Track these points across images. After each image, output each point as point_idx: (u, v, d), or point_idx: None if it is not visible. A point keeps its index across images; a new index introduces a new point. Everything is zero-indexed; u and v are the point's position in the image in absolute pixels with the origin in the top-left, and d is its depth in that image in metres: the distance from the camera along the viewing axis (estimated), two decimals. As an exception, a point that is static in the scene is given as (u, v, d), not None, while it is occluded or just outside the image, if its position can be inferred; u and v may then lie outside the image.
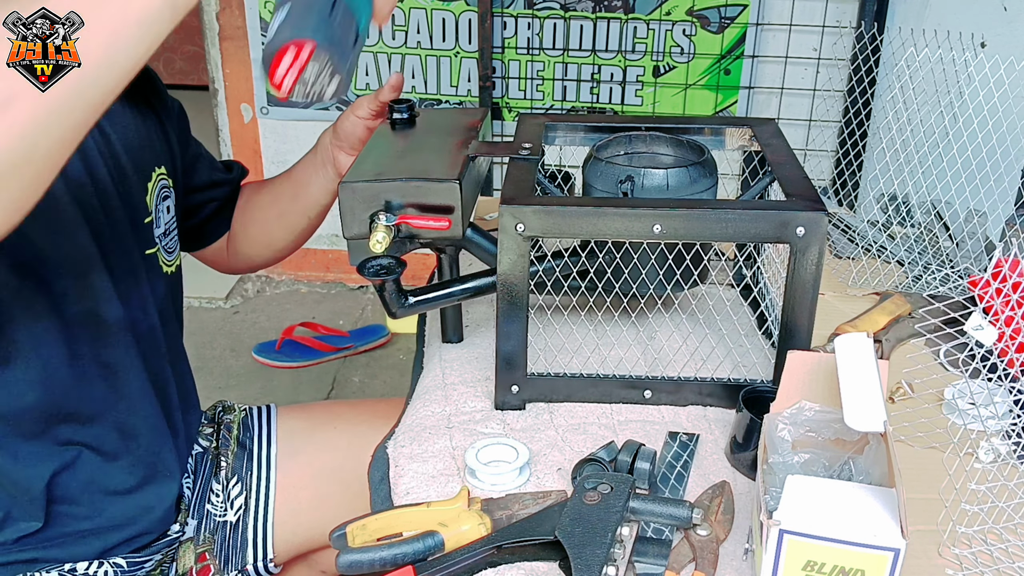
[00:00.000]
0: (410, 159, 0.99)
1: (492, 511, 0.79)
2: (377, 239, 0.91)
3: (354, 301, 2.92)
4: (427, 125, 1.09)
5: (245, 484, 1.15)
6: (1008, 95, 1.08)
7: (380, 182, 0.92)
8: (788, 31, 2.38)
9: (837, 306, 1.15)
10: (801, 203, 0.87)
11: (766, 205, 0.91)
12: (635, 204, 0.88)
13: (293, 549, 1.17)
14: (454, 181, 0.92)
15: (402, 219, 0.92)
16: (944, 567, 0.75)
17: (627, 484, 0.77)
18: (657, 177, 0.96)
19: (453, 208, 0.92)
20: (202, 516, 1.13)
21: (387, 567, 0.74)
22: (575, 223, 0.87)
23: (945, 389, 0.95)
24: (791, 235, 0.85)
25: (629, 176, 0.96)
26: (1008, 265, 0.95)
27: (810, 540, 0.64)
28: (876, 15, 2.22)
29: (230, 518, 1.14)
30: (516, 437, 0.90)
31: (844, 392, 0.71)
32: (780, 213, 0.85)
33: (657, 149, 1.07)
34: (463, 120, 1.11)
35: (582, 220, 0.87)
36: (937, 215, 1.28)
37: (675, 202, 0.89)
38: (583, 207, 0.87)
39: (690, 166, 0.97)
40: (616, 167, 0.98)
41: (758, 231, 0.86)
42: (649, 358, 1.02)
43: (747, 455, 0.85)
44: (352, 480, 1.08)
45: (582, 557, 0.70)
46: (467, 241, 1.00)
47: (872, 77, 1.62)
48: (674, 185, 0.96)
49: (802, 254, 0.86)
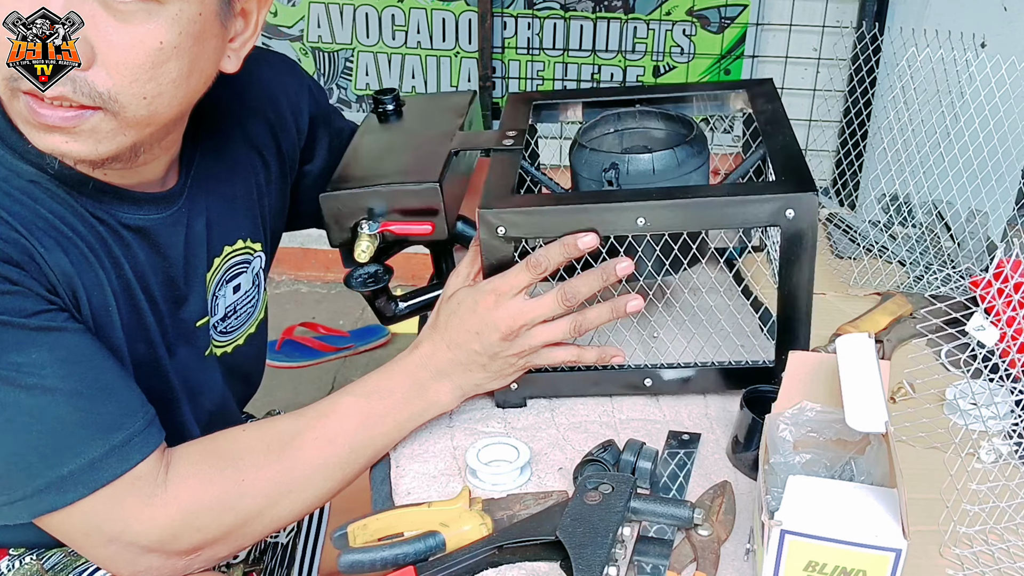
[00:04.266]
0: (392, 159, 0.97)
1: (493, 511, 0.79)
2: (361, 249, 0.90)
3: (354, 301, 2.92)
4: (414, 114, 1.07)
5: None
6: (1008, 95, 1.08)
7: (360, 190, 0.90)
8: (788, 31, 2.38)
9: (838, 306, 1.15)
10: (789, 184, 0.84)
11: (751, 189, 0.88)
12: (616, 198, 0.86)
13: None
14: (434, 183, 0.90)
15: (385, 227, 0.91)
16: (945, 567, 0.75)
17: (628, 484, 0.77)
18: (642, 163, 0.92)
19: (436, 210, 0.91)
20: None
21: (388, 567, 0.74)
22: (556, 222, 0.85)
23: (947, 389, 0.95)
24: (780, 219, 0.83)
25: (613, 164, 0.93)
26: (1010, 265, 0.95)
27: (811, 540, 0.64)
28: (876, 15, 2.22)
29: (282, 540, 1.13)
30: (517, 436, 0.90)
31: (845, 392, 0.71)
32: (766, 198, 0.83)
33: (648, 124, 1.04)
34: (450, 106, 1.09)
35: (563, 218, 0.85)
36: (938, 215, 1.28)
37: (658, 192, 0.87)
38: (562, 206, 0.86)
39: (676, 147, 0.93)
40: (599, 154, 0.95)
41: (746, 217, 0.84)
42: (646, 347, 1.01)
43: (748, 455, 0.85)
44: None
45: (583, 557, 0.70)
46: (458, 236, 0.99)
47: (872, 77, 1.62)
48: (661, 169, 0.93)
49: (794, 236, 0.84)
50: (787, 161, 0.88)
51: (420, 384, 0.88)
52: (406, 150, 0.99)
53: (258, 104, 1.02)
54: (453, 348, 0.87)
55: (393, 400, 0.87)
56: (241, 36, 0.83)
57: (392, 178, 0.91)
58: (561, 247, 0.84)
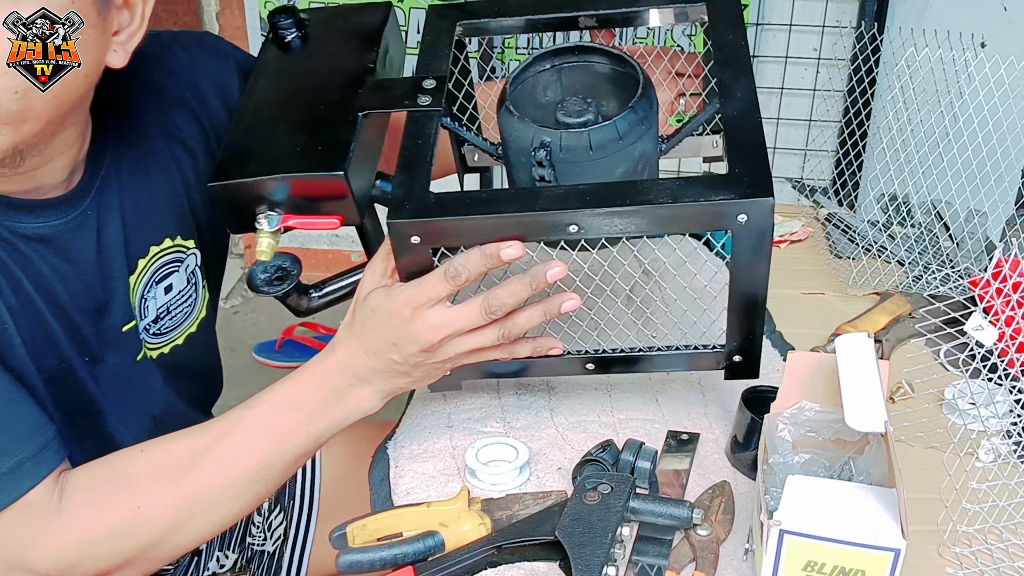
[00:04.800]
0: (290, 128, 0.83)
1: (492, 511, 0.79)
2: (262, 248, 0.80)
3: (354, 301, 2.92)
4: (319, 42, 0.92)
5: (287, 514, 1.12)
6: (1008, 95, 1.08)
7: (251, 180, 0.78)
8: (788, 31, 2.38)
9: (837, 306, 1.15)
10: (741, 185, 0.72)
11: (698, 192, 0.72)
12: (543, 204, 0.73)
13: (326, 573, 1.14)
14: (338, 174, 0.77)
15: (285, 221, 0.80)
16: (945, 567, 0.75)
17: (627, 484, 0.77)
18: (578, 139, 0.79)
19: (343, 197, 0.78)
20: (242, 549, 1.10)
21: (387, 567, 0.74)
22: (476, 231, 0.73)
23: (945, 389, 0.95)
24: (731, 223, 0.72)
25: (543, 143, 0.80)
26: (1008, 265, 0.95)
27: (810, 540, 0.64)
28: (876, 15, 2.21)
29: (268, 548, 1.11)
30: (516, 436, 0.90)
31: (844, 392, 0.71)
32: (715, 205, 0.71)
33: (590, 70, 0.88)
34: (361, 26, 0.93)
35: (483, 228, 0.73)
36: (937, 215, 1.28)
37: (592, 195, 0.73)
38: (481, 216, 0.73)
39: (617, 117, 0.80)
40: (527, 127, 0.81)
41: (693, 223, 0.74)
42: (590, 330, 0.90)
43: (747, 455, 0.85)
44: None
45: (582, 557, 0.70)
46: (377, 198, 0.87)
47: (872, 77, 1.62)
48: (600, 144, 0.79)
49: (747, 239, 0.73)
50: (741, 145, 0.75)
51: (338, 391, 0.81)
52: (307, 112, 0.84)
53: (177, 93, 0.95)
54: (371, 356, 0.79)
55: (307, 410, 0.81)
56: (127, 29, 0.78)
57: (289, 163, 0.78)
58: (482, 257, 0.74)
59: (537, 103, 0.89)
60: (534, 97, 0.89)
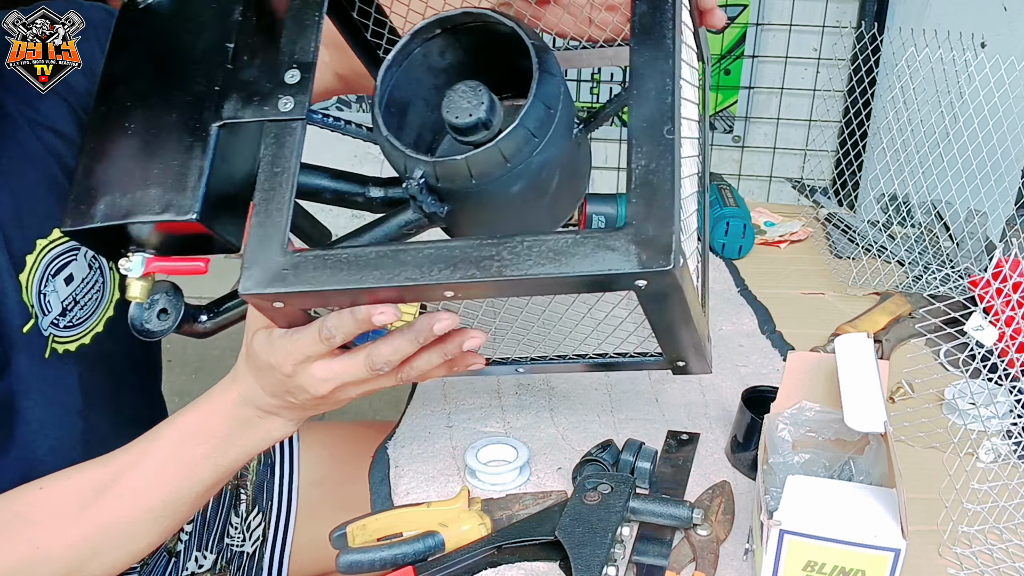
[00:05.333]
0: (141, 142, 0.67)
1: (492, 511, 0.79)
2: (134, 293, 0.70)
3: (354, 301, 2.92)
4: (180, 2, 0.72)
5: (266, 515, 1.11)
6: (1008, 95, 1.08)
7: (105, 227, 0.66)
8: (788, 31, 2.38)
9: (837, 306, 1.15)
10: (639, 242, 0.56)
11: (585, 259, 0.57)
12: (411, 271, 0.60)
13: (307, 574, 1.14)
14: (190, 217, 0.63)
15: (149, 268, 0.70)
16: (945, 567, 0.75)
17: (627, 484, 0.77)
18: (455, 169, 0.63)
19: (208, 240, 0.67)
20: (220, 549, 1.10)
21: (387, 567, 0.74)
22: (344, 299, 0.63)
23: (945, 389, 0.95)
24: (630, 287, 0.58)
25: (418, 174, 0.64)
26: (1008, 265, 0.95)
27: (810, 540, 0.64)
28: (876, 15, 2.22)
29: (247, 549, 1.11)
30: (516, 436, 0.90)
31: (844, 392, 0.71)
32: (605, 274, 0.56)
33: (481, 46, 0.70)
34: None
35: (350, 295, 0.62)
36: (937, 215, 1.28)
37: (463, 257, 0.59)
38: (343, 285, 0.61)
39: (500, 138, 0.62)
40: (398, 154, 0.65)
41: (580, 287, 0.59)
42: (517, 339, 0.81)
43: (747, 455, 0.85)
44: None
45: (582, 557, 0.70)
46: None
47: (872, 77, 1.62)
48: (482, 172, 0.63)
49: (651, 300, 0.60)
50: (645, 180, 0.57)
51: (245, 422, 0.77)
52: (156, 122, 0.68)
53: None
54: (270, 396, 0.75)
55: (213, 443, 0.77)
56: None
57: (139, 205, 0.65)
58: (355, 321, 0.66)
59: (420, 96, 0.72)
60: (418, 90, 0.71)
